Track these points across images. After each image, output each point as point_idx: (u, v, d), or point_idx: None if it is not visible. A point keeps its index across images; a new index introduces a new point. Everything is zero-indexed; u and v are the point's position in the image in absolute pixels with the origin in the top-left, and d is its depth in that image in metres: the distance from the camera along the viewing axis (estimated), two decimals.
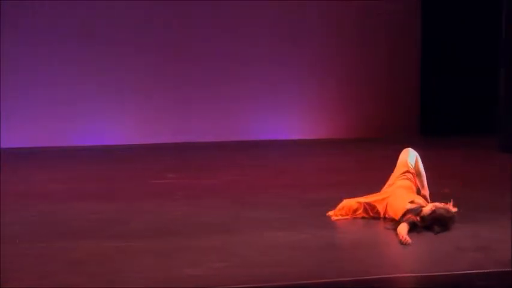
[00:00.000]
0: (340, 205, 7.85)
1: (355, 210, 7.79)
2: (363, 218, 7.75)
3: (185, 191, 9.26)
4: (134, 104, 13.63)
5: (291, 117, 14.12)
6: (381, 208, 7.71)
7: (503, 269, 6.12)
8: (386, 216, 7.64)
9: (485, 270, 6.11)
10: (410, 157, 7.85)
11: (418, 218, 7.18)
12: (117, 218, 7.85)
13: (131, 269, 6.12)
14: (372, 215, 7.76)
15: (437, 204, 7.31)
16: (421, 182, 7.78)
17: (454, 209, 7.25)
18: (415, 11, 14.46)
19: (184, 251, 6.62)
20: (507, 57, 12.11)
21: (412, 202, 7.34)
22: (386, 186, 7.92)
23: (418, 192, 7.77)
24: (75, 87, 13.34)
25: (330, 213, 7.84)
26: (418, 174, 7.80)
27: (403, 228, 7.07)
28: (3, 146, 12.66)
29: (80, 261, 6.32)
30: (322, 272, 6.09)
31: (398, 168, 7.88)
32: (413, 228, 7.15)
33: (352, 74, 14.36)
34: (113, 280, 5.84)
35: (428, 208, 7.24)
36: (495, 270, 6.13)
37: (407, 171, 7.80)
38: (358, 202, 7.82)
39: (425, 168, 7.87)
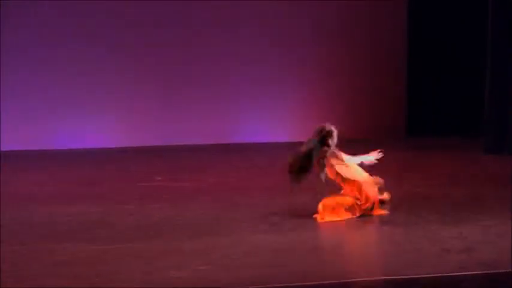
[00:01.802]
0: (329, 206, 7.50)
1: (351, 208, 7.47)
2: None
3: (172, 194, 9.13)
4: (134, 105, 13.43)
5: (276, 118, 13.88)
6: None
7: (488, 271, 5.94)
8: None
9: (471, 272, 5.91)
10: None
11: None
12: (103, 220, 7.71)
13: (117, 271, 5.96)
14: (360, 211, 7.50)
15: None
16: None
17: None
18: (401, 13, 14.23)
19: (169, 253, 6.49)
20: (493, 59, 11.93)
21: None
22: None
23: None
24: (74, 88, 13.13)
25: (317, 215, 7.57)
26: None
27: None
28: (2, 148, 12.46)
29: (65, 263, 6.16)
30: (307, 274, 5.91)
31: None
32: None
33: (342, 76, 14.14)
34: (98, 282, 5.67)
35: None
36: (480, 272, 5.94)
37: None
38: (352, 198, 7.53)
39: (411, 169, 7.65)
